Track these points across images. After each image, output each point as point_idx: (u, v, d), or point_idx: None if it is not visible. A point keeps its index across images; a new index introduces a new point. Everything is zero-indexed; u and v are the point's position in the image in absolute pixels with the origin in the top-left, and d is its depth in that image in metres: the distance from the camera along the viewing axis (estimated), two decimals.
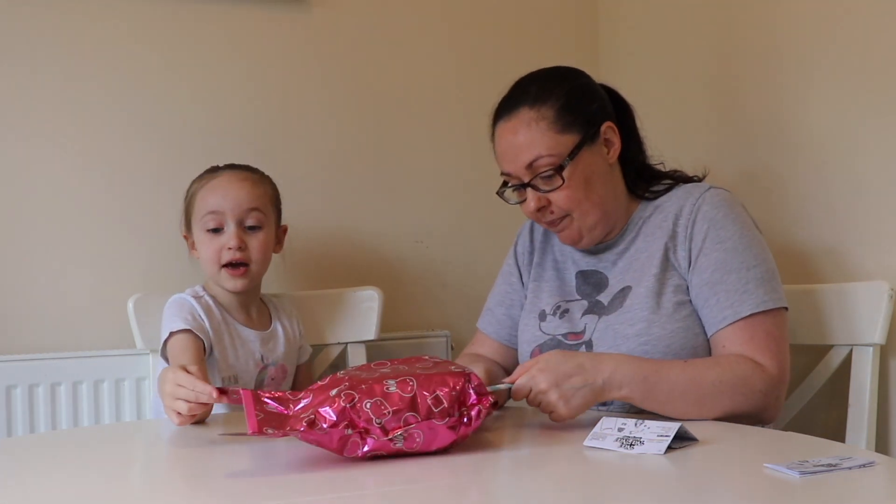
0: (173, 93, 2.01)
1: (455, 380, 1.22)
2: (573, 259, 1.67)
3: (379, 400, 1.17)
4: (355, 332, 2.01)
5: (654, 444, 1.18)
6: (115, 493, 1.13)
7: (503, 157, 1.58)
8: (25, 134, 1.91)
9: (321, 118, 2.14)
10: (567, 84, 1.58)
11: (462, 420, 1.21)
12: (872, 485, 1.05)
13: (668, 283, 1.52)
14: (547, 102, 1.54)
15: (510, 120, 1.56)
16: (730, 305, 1.46)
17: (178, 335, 1.62)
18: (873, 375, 1.63)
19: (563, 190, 1.54)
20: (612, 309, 1.55)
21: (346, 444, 1.16)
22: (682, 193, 1.59)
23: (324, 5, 2.15)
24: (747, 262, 1.48)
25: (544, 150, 1.53)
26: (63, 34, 1.94)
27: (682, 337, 1.49)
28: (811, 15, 1.81)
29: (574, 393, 1.35)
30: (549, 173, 1.53)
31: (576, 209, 1.56)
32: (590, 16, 2.40)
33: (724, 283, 1.47)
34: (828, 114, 1.79)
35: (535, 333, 1.63)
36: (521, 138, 1.54)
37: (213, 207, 1.68)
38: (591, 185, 1.56)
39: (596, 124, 1.57)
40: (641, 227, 1.60)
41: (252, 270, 1.71)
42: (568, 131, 1.54)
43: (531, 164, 1.54)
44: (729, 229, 1.51)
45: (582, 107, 1.56)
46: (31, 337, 1.91)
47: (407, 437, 1.17)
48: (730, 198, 1.55)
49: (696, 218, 1.53)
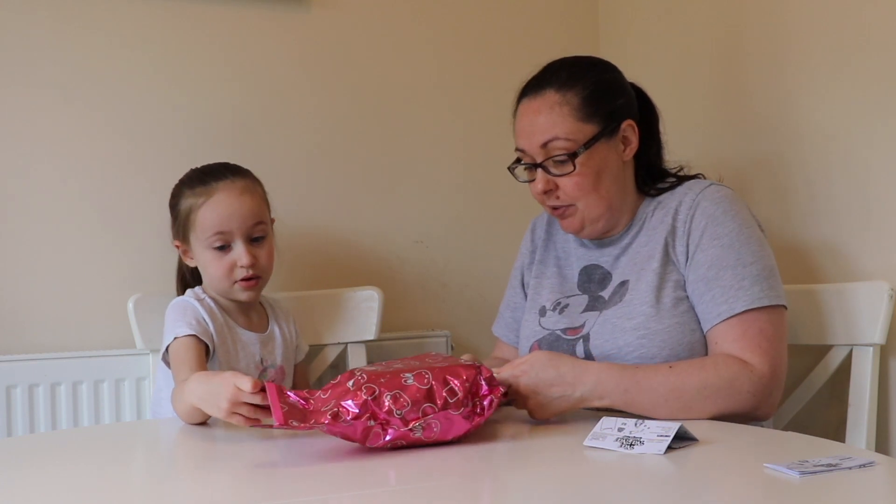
0: (173, 93, 2.01)
1: (467, 372, 1.29)
2: (577, 255, 1.67)
3: (398, 392, 1.24)
4: (355, 332, 2.01)
5: (654, 444, 1.18)
6: (115, 493, 1.13)
7: (521, 133, 1.59)
8: (25, 134, 1.91)
9: (321, 118, 2.14)
10: (596, 75, 1.59)
11: (475, 410, 1.28)
12: (872, 485, 1.05)
13: (668, 278, 1.52)
14: (574, 89, 1.55)
15: (535, 99, 1.57)
16: (724, 301, 1.46)
17: (182, 339, 1.61)
18: (873, 375, 1.63)
19: (572, 177, 1.54)
20: (611, 303, 1.56)
21: (368, 434, 1.21)
22: (683, 190, 1.59)
23: (323, 5, 2.15)
24: (744, 259, 1.48)
25: (562, 133, 1.53)
26: (63, 34, 1.93)
27: (679, 332, 1.49)
28: (817, 10, 1.81)
29: (549, 402, 1.39)
30: (561, 157, 1.54)
31: (582, 199, 1.56)
32: (590, 15, 2.40)
33: (720, 280, 1.47)
34: (829, 112, 1.79)
35: (535, 328, 1.64)
36: (542, 118, 1.55)
37: (220, 228, 1.68)
38: (601, 178, 1.56)
39: (617, 120, 1.57)
40: (644, 222, 1.60)
41: (263, 280, 1.73)
42: (589, 121, 1.55)
43: (546, 145, 1.54)
44: (727, 225, 1.50)
45: (607, 100, 1.57)
46: (31, 337, 1.91)
47: (425, 427, 1.24)
48: (730, 194, 1.55)
49: (694, 213, 1.53)
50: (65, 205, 1.94)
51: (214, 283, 1.71)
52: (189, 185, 1.72)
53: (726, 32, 2.02)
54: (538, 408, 1.39)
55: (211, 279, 1.71)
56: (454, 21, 2.27)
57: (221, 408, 1.32)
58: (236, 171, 1.74)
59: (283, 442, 1.34)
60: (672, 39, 2.18)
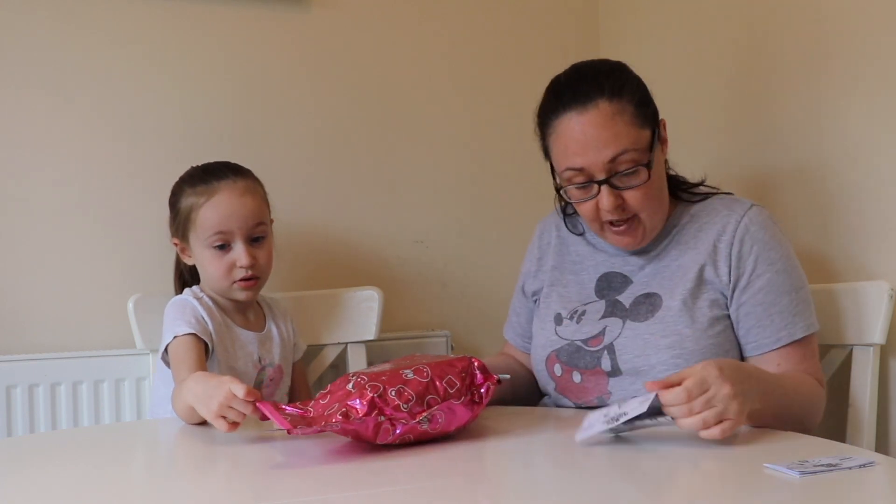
0: (173, 94, 2.01)
1: (461, 363, 1.34)
2: (593, 261, 1.64)
3: (401, 387, 1.26)
4: (355, 332, 2.01)
5: (637, 407, 1.21)
6: (115, 493, 1.13)
7: (577, 151, 1.47)
8: (25, 134, 1.91)
9: (321, 118, 2.14)
10: (633, 78, 1.53)
11: (474, 399, 1.31)
12: (872, 485, 1.05)
13: (701, 297, 1.50)
14: (625, 96, 1.48)
15: (586, 112, 1.46)
16: (784, 327, 1.48)
17: (181, 338, 1.61)
18: (873, 375, 1.63)
19: (641, 188, 1.48)
20: (638, 315, 1.52)
21: (379, 430, 1.23)
22: (720, 207, 1.56)
23: (323, 5, 2.15)
24: (795, 284, 1.51)
25: (630, 144, 1.46)
26: (63, 34, 1.93)
27: (714, 353, 1.47)
28: (830, 11, 1.81)
29: (744, 397, 1.22)
30: (632, 169, 1.47)
31: (647, 208, 1.50)
32: (590, 15, 2.40)
33: (778, 305, 1.49)
34: (831, 114, 1.78)
35: (551, 338, 1.60)
36: (604, 132, 1.45)
37: (221, 228, 1.68)
38: (661, 183, 1.53)
39: (658, 120, 1.54)
40: (675, 234, 1.57)
41: (262, 280, 1.73)
42: (645, 126, 1.49)
43: (614, 160, 1.46)
44: (778, 251, 1.51)
45: (650, 101, 1.53)
46: (31, 337, 1.91)
47: (431, 420, 1.26)
48: (771, 217, 1.55)
49: (743, 237, 1.51)
50: (65, 205, 1.94)
51: (213, 282, 1.71)
52: (190, 184, 1.72)
53: (728, 38, 2.02)
54: (746, 401, 1.23)
55: (210, 278, 1.71)
56: (454, 21, 2.27)
57: (211, 409, 1.34)
58: (238, 170, 1.74)
59: (283, 442, 1.34)
60: (674, 41, 2.17)
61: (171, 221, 1.76)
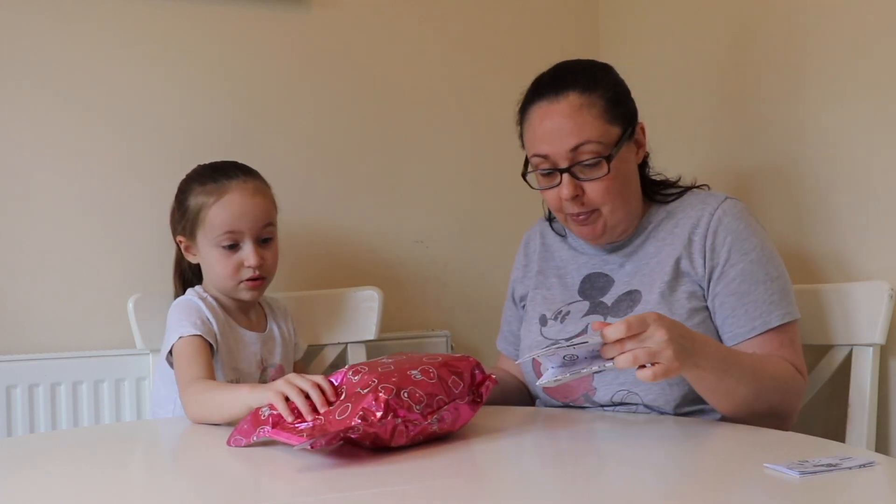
0: (173, 94, 2.01)
1: (461, 363, 1.35)
2: (577, 264, 1.66)
3: (413, 388, 1.26)
4: (355, 332, 2.01)
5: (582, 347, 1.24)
6: (115, 493, 1.13)
7: (543, 138, 1.53)
8: (25, 134, 1.91)
9: (321, 118, 2.14)
10: (612, 77, 1.58)
11: (475, 399, 1.33)
12: (872, 485, 1.05)
13: (679, 289, 1.52)
14: (597, 91, 1.53)
15: (558, 102, 1.52)
16: (759, 316, 1.49)
17: (187, 339, 1.61)
18: (873, 375, 1.63)
19: (602, 181, 1.51)
20: (619, 311, 1.55)
21: (394, 432, 1.22)
22: (695, 201, 1.58)
23: (323, 5, 2.15)
24: (771, 274, 1.51)
25: (594, 136, 1.50)
26: (63, 34, 1.94)
27: None
28: (820, 13, 1.81)
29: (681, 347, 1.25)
30: (592, 161, 1.51)
31: (608, 203, 1.54)
32: (590, 15, 2.40)
33: (752, 294, 1.50)
34: (830, 114, 1.79)
35: (536, 339, 1.63)
36: (570, 121, 1.50)
37: (231, 227, 1.68)
38: (625, 181, 1.56)
39: (633, 122, 1.57)
40: (651, 231, 1.60)
41: (268, 280, 1.74)
42: (615, 123, 1.53)
43: (576, 149, 1.50)
44: (752, 241, 1.53)
45: (625, 102, 1.57)
46: (31, 337, 1.91)
47: (440, 420, 1.26)
48: (746, 209, 1.57)
49: (717, 228, 1.53)
50: (65, 205, 1.94)
51: (219, 281, 1.70)
52: (200, 182, 1.72)
53: (722, 38, 2.02)
54: (683, 353, 1.25)
55: (216, 277, 1.70)
56: (453, 21, 2.27)
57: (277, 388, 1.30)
58: (247, 171, 1.74)
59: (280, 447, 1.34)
60: (674, 42, 2.17)
61: (176, 219, 1.75)
